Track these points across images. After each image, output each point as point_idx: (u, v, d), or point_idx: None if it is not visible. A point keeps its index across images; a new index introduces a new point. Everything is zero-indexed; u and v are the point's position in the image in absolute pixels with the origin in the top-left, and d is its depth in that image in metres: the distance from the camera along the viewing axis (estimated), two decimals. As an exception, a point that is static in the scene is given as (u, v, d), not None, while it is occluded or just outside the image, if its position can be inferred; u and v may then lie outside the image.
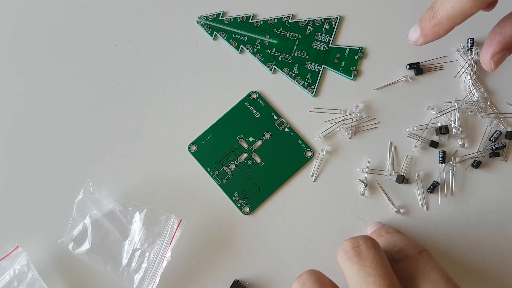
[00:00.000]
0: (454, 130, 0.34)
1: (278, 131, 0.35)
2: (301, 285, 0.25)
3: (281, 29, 0.37)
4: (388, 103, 0.35)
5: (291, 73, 0.36)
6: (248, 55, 0.37)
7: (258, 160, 0.34)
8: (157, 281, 0.31)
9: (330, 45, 0.36)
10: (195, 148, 0.35)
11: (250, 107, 0.35)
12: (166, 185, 0.34)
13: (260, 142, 0.35)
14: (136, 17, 0.38)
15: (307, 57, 0.36)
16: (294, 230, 0.33)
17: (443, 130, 0.34)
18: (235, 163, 0.34)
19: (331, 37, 0.36)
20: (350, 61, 0.36)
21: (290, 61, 0.36)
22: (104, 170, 0.35)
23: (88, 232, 0.32)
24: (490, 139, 0.34)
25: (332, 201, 0.34)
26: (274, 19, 0.37)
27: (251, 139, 0.35)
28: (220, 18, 0.37)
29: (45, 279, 0.31)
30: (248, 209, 0.34)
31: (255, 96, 0.36)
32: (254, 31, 0.37)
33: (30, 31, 0.38)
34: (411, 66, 0.35)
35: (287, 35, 0.37)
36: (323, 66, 0.36)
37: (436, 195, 0.33)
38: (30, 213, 0.34)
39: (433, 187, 0.33)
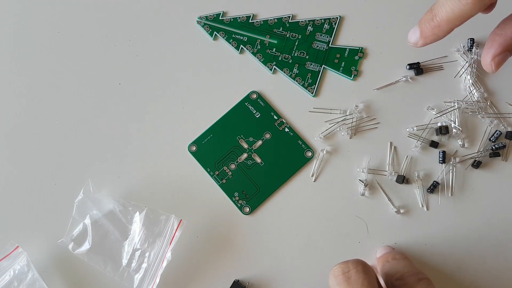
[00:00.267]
0: (454, 130, 0.34)
1: (278, 131, 0.35)
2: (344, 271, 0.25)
3: (281, 29, 0.37)
4: (388, 103, 0.35)
5: (291, 73, 0.36)
6: (248, 55, 0.37)
7: (258, 160, 0.34)
8: (157, 281, 0.31)
9: (330, 45, 0.36)
10: (195, 148, 0.35)
11: (250, 107, 0.35)
12: (166, 185, 0.34)
13: (260, 142, 0.35)
14: (136, 17, 0.38)
15: (307, 57, 0.36)
16: (294, 230, 0.33)
17: (443, 130, 0.34)
18: (235, 163, 0.34)
19: (331, 37, 0.36)
20: (350, 61, 0.36)
21: (290, 61, 0.36)
22: (104, 170, 0.35)
23: (88, 232, 0.32)
24: (490, 139, 0.34)
25: (332, 201, 0.34)
26: (274, 19, 0.37)
27: (251, 139, 0.35)
28: (220, 18, 0.37)
29: (45, 279, 0.31)
30: (248, 209, 0.34)
31: (255, 96, 0.36)
32: (254, 31, 0.37)
33: (30, 31, 0.38)
34: (411, 66, 0.35)
35: (287, 35, 0.37)
36: (323, 66, 0.36)
37: (436, 195, 0.33)
38: (30, 213, 0.34)
39: (433, 187, 0.33)
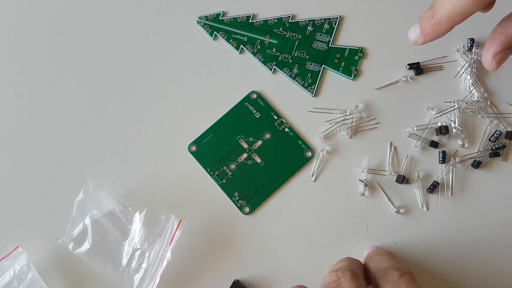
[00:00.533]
0: (454, 130, 0.34)
1: (278, 131, 0.35)
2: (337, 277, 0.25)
3: (281, 29, 0.37)
4: (388, 103, 0.35)
5: (291, 73, 0.36)
6: (248, 55, 0.37)
7: (258, 160, 0.34)
8: (157, 281, 0.31)
9: (330, 45, 0.36)
10: (195, 148, 0.35)
11: (250, 107, 0.35)
12: (166, 185, 0.34)
13: (260, 142, 0.35)
14: (136, 17, 0.38)
15: (307, 57, 0.36)
16: (294, 230, 0.33)
17: (443, 130, 0.34)
18: (235, 163, 0.34)
19: (331, 37, 0.36)
20: (350, 61, 0.36)
21: (290, 61, 0.36)
22: (104, 170, 0.35)
23: (88, 232, 0.32)
24: (490, 139, 0.34)
25: (332, 201, 0.34)
26: (274, 19, 0.37)
27: (251, 139, 0.35)
28: (220, 18, 0.37)
29: (45, 279, 0.31)
30: (248, 209, 0.34)
31: (255, 96, 0.36)
32: (254, 31, 0.37)
33: (30, 31, 0.38)
34: (411, 66, 0.35)
35: (287, 35, 0.37)
36: (323, 66, 0.36)
37: (436, 195, 0.33)
38: (30, 213, 0.34)
39: (433, 187, 0.33)
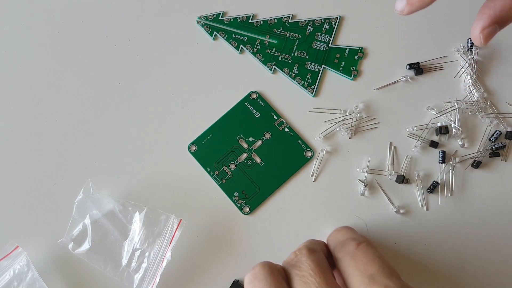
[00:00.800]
0: (454, 130, 0.34)
1: (278, 131, 0.35)
2: (253, 277, 0.25)
3: (281, 29, 0.37)
4: (388, 103, 0.35)
5: (291, 73, 0.36)
6: (248, 55, 0.37)
7: (258, 160, 0.34)
8: (157, 281, 0.31)
9: (330, 45, 0.36)
10: (195, 148, 0.35)
11: (250, 107, 0.35)
12: (166, 185, 0.34)
13: (260, 142, 0.35)
14: (136, 17, 0.38)
15: (307, 57, 0.36)
16: (294, 230, 0.33)
17: (443, 130, 0.34)
18: (235, 163, 0.34)
19: (331, 37, 0.36)
20: (350, 61, 0.36)
21: (290, 61, 0.36)
22: (104, 170, 0.35)
23: (88, 232, 0.32)
24: (490, 139, 0.34)
25: (332, 201, 0.34)
26: (274, 19, 0.37)
27: (251, 139, 0.35)
28: (220, 18, 0.37)
29: (45, 279, 0.31)
30: (248, 209, 0.34)
31: (255, 96, 0.36)
32: (254, 31, 0.37)
33: (30, 31, 0.38)
34: (411, 66, 0.35)
35: (287, 35, 0.37)
36: (323, 66, 0.36)
37: (436, 195, 0.33)
38: (30, 213, 0.34)
39: (433, 187, 0.33)
